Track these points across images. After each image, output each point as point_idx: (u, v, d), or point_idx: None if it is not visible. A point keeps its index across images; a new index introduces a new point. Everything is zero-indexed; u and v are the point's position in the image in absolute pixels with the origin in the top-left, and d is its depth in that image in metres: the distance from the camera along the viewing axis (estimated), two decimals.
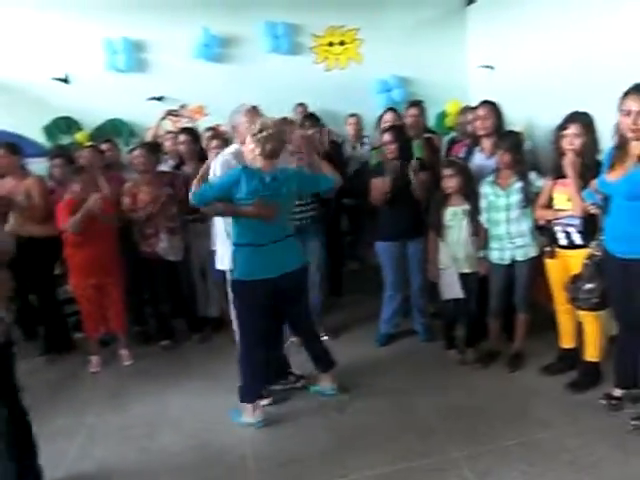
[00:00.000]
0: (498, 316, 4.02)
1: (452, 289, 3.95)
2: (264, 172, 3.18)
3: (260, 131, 3.13)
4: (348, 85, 6.32)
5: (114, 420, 3.68)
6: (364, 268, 5.83)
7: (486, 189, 3.84)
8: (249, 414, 3.45)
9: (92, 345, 4.50)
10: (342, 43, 6.49)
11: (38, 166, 4.95)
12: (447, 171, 3.88)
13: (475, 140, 4.18)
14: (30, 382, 3.83)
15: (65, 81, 6.00)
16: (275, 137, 3.15)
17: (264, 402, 3.57)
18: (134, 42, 6.07)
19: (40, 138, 5.80)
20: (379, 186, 4.15)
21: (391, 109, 5.01)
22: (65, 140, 5.87)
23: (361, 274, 5.86)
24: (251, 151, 3.19)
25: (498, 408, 3.47)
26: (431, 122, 5.81)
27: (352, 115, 5.86)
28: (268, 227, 3.20)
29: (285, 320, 3.64)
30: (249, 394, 3.45)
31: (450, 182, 3.86)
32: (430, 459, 3.04)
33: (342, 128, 5.91)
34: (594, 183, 3.19)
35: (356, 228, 5.81)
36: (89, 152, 4.68)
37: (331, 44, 6.48)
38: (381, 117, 4.99)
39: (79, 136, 5.87)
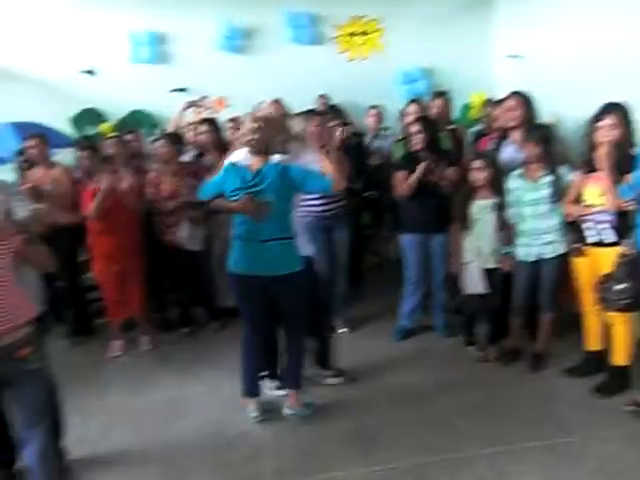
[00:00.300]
0: (521, 314, 3.95)
1: (475, 284, 3.91)
2: (250, 168, 3.13)
3: (248, 126, 3.09)
4: (370, 76, 6.28)
5: (133, 403, 3.76)
6: (384, 261, 5.81)
7: (514, 183, 3.76)
8: (247, 406, 3.45)
9: (114, 330, 4.60)
10: (364, 33, 6.44)
11: (65, 156, 5.03)
12: (476, 164, 3.81)
13: (504, 132, 4.08)
14: (55, 364, 3.93)
15: (91, 73, 6.08)
16: (261, 132, 3.04)
17: (279, 392, 3.57)
18: (158, 35, 6.14)
19: (67, 129, 5.90)
20: (404, 179, 4.11)
21: (414, 101, 4.96)
22: (91, 131, 5.97)
23: (381, 268, 5.84)
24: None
25: (518, 408, 3.41)
26: (455, 114, 5.73)
27: (373, 107, 5.82)
28: (259, 225, 3.10)
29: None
30: (243, 387, 3.46)
31: (479, 175, 3.79)
32: (446, 456, 3.01)
33: (363, 120, 5.86)
34: (629, 178, 3.09)
35: (376, 221, 5.78)
36: (113, 143, 4.76)
37: (353, 34, 6.43)
38: (404, 109, 4.94)
39: (104, 127, 5.97)
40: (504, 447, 3.04)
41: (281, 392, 3.57)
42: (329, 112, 4.82)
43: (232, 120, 4.98)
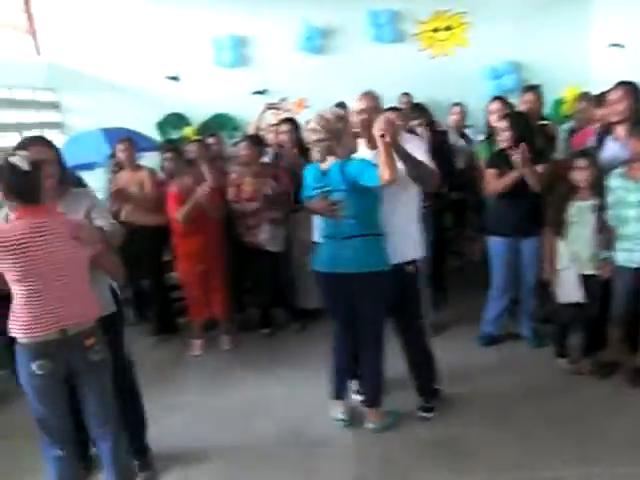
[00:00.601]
0: (621, 324, 3.63)
1: (571, 292, 3.63)
2: (321, 168, 3.10)
3: (311, 127, 3.05)
4: (453, 72, 6.09)
5: (213, 402, 3.79)
6: (467, 264, 5.58)
7: (615, 182, 3.45)
8: (371, 419, 3.31)
9: (196, 329, 4.68)
10: (448, 28, 6.22)
11: (151, 160, 5.20)
12: (580, 162, 3.53)
13: (606, 128, 3.74)
14: (139, 362, 4.07)
15: (176, 79, 6.27)
16: (324, 133, 2.98)
17: (357, 398, 3.49)
18: (239, 38, 6.25)
19: (153, 133, 6.11)
20: (495, 177, 3.91)
21: (498, 98, 4.69)
22: (175, 135, 6.15)
23: (464, 270, 5.61)
24: None
25: (613, 427, 3.14)
26: (547, 110, 5.41)
27: (456, 104, 5.61)
28: (339, 222, 3.05)
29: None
30: (331, 388, 3.38)
31: (582, 174, 3.51)
32: (539, 475, 2.81)
33: (446, 118, 5.66)
34: None
35: (460, 222, 5.56)
36: (196, 146, 4.84)
37: (436, 30, 6.23)
38: (487, 107, 4.70)
39: (187, 131, 6.14)
40: (596, 468, 2.81)
41: (361, 398, 3.48)
42: (413, 111, 4.67)
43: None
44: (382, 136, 2.75)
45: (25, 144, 2.66)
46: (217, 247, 4.50)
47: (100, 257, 2.60)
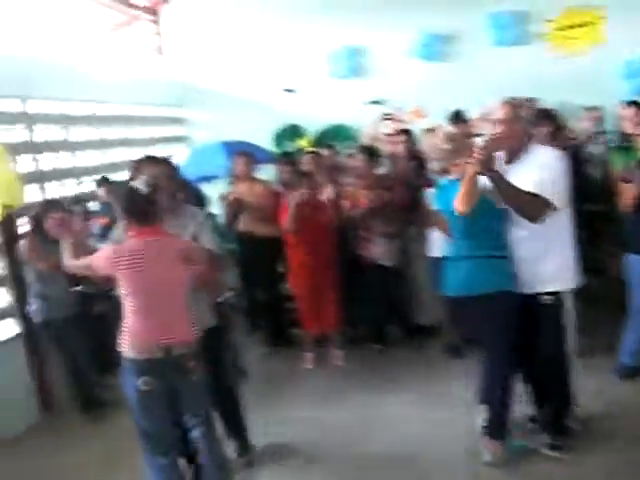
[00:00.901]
0: None
1: None
2: (443, 183, 3.04)
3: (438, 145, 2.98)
4: (586, 73, 5.56)
5: (324, 418, 3.71)
6: (606, 283, 5.03)
7: None
8: (490, 450, 3.02)
9: (307, 342, 4.64)
10: (582, 25, 5.71)
11: (268, 171, 5.29)
12: None
13: None
14: (251, 371, 4.14)
15: (292, 91, 6.38)
16: (448, 152, 2.93)
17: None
18: (355, 48, 6.22)
19: (270, 145, 6.23)
20: (629, 189, 3.50)
21: (633, 103, 4.14)
22: (291, 146, 6.23)
23: (601, 289, 5.07)
24: None
25: None
26: None
27: (590, 108, 5.12)
28: (456, 242, 2.96)
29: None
30: (496, 426, 3.00)
31: None
32: None
33: (578, 124, 5.20)
34: None
35: (596, 237, 5.03)
36: (311, 158, 4.86)
37: (570, 27, 5.74)
38: (621, 112, 4.20)
39: (303, 142, 6.19)
40: None
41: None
42: (540, 117, 4.31)
43: (429, 130, 4.78)
44: (472, 163, 2.60)
45: (140, 163, 2.83)
46: (329, 260, 4.44)
47: (203, 277, 2.67)
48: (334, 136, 6.16)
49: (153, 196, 2.53)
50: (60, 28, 5.48)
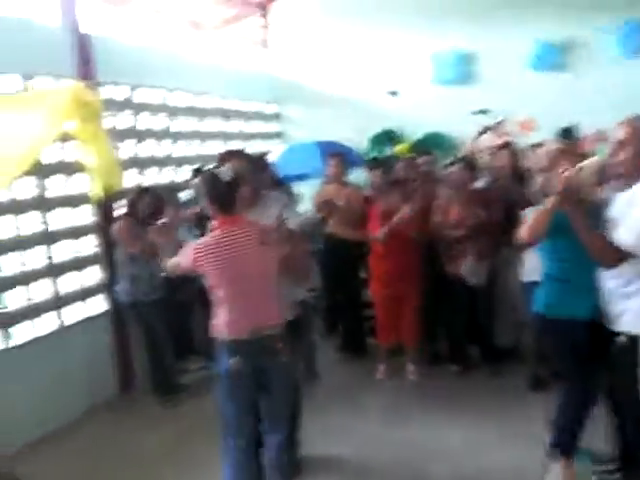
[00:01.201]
0: None
1: None
2: None
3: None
4: None
5: (390, 434, 3.61)
6: None
7: None
8: (558, 472, 2.88)
9: (381, 353, 4.53)
10: None
11: (359, 175, 5.20)
12: None
13: None
14: (322, 375, 4.10)
15: (395, 95, 6.25)
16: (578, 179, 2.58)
17: None
18: (464, 54, 5.97)
19: (364, 148, 6.13)
20: None
21: None
22: (387, 151, 6.10)
23: None
24: None
25: None
26: None
27: None
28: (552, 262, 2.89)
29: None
30: (567, 442, 2.90)
31: None
32: None
33: None
34: None
35: None
36: (405, 165, 4.71)
37: None
38: None
39: (399, 148, 6.03)
40: None
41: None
42: None
43: (536, 146, 4.46)
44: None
45: (226, 156, 2.89)
46: (413, 273, 4.30)
47: (289, 258, 2.67)
48: (432, 144, 5.93)
49: (235, 184, 2.58)
50: (172, 20, 5.69)
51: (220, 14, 6.35)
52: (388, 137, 6.23)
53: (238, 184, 2.60)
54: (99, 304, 4.31)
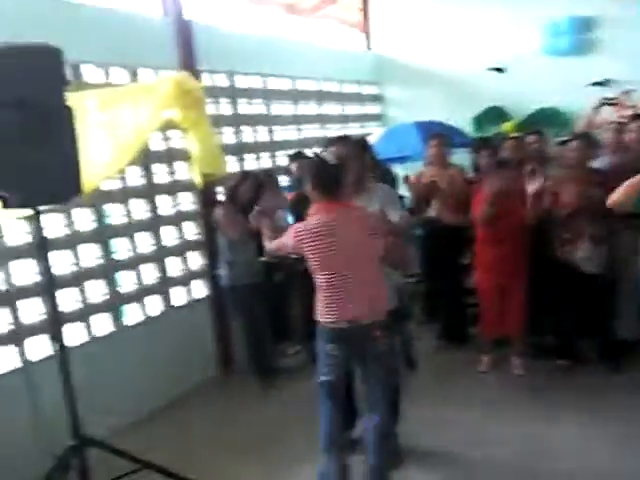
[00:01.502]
0: None
1: None
2: None
3: None
4: None
5: (484, 427, 3.46)
6: None
7: None
8: None
9: (485, 344, 4.33)
10: None
11: (462, 156, 4.95)
12: None
13: None
14: (422, 365, 4.01)
15: (499, 70, 5.88)
16: None
17: None
18: (580, 20, 5.45)
19: (467, 128, 5.85)
20: None
21: None
22: (492, 130, 5.78)
23: None
24: None
25: None
26: None
27: None
28: None
29: None
30: None
31: None
32: None
33: None
34: None
35: None
36: (512, 144, 4.44)
37: None
38: None
39: (506, 126, 5.69)
40: None
41: None
42: None
43: None
44: None
45: (331, 141, 2.93)
46: (519, 260, 4.03)
47: (391, 249, 2.69)
48: (543, 121, 5.52)
49: (341, 170, 2.60)
50: (267, 4, 5.69)
51: None
52: (494, 115, 5.88)
53: (343, 169, 2.61)
54: (201, 288, 4.46)
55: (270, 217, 3.20)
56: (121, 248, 3.87)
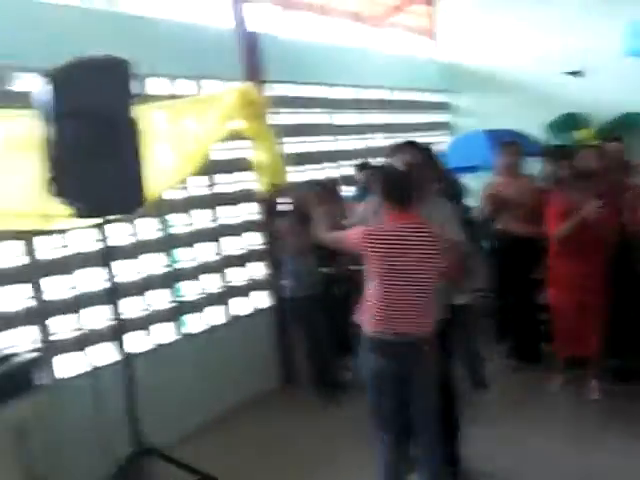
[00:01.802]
0: None
1: None
2: None
3: None
4: None
5: (557, 454, 3.27)
6: None
7: None
8: None
9: (559, 364, 4.11)
10: None
11: (533, 164, 4.72)
12: None
13: None
14: (491, 383, 3.86)
15: (576, 74, 5.63)
16: None
17: None
18: None
19: (541, 136, 5.59)
20: None
21: None
22: (568, 138, 5.50)
23: None
24: None
25: None
26: None
27: None
28: None
29: None
30: None
31: None
32: None
33: None
34: None
35: None
36: (588, 153, 4.17)
37: None
38: None
39: (583, 133, 5.40)
40: None
41: None
42: None
43: None
44: None
45: (398, 148, 2.87)
46: (600, 277, 3.78)
47: (448, 270, 2.64)
48: (625, 127, 5.20)
49: (409, 177, 2.57)
50: (333, 14, 5.66)
51: (382, 5, 6.21)
52: (569, 122, 5.59)
53: (412, 176, 2.59)
54: (264, 298, 4.46)
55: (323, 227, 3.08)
56: (184, 257, 3.92)
